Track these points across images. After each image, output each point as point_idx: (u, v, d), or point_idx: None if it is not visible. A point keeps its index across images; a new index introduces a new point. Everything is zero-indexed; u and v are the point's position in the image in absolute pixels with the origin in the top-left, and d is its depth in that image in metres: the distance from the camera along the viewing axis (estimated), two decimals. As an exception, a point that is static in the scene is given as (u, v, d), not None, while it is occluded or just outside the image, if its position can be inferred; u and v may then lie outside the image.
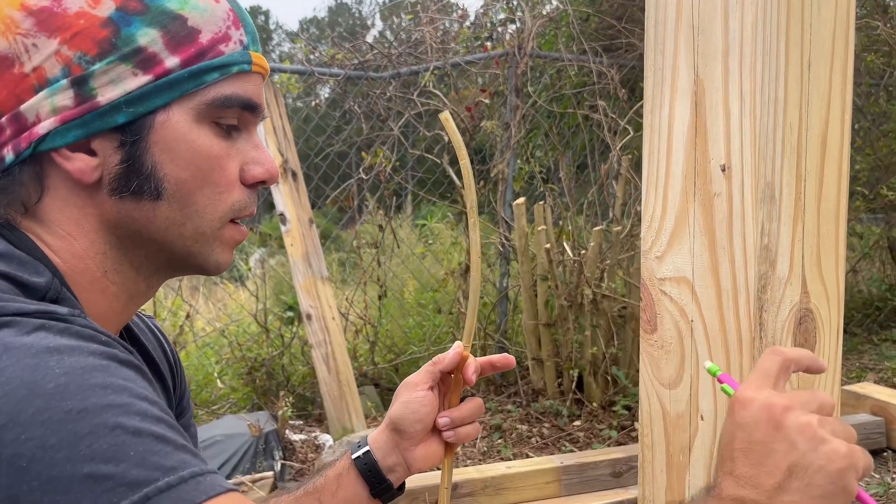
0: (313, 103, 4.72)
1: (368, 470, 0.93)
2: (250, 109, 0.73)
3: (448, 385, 0.96)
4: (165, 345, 0.90)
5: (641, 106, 4.69)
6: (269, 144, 3.53)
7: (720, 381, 0.73)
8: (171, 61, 0.68)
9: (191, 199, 0.70)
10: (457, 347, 0.93)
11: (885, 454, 3.22)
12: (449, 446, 0.95)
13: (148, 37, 0.67)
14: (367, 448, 0.95)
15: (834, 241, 0.86)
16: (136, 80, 0.67)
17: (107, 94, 0.66)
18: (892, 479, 2.97)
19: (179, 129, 0.69)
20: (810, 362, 0.70)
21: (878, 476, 3.01)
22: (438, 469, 0.94)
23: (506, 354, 0.96)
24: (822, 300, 0.86)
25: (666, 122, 0.89)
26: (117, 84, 0.67)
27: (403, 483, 0.98)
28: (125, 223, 0.70)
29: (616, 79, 4.47)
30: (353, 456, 0.95)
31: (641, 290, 0.95)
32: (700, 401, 0.87)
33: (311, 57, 4.58)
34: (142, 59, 0.67)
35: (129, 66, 0.67)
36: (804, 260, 0.84)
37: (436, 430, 0.94)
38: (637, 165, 5.14)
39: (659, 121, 0.91)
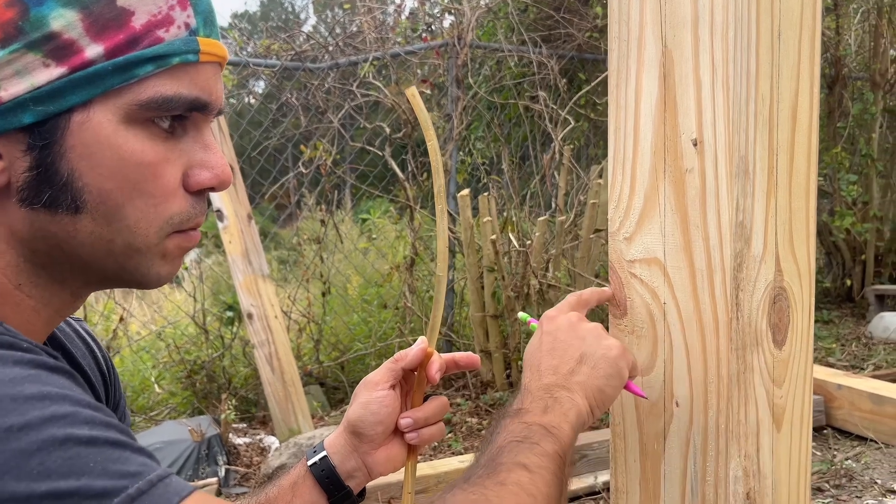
0: (247, 98, 4.58)
1: (326, 477, 0.86)
2: (199, 109, 0.61)
3: (411, 384, 0.90)
4: (97, 350, 0.81)
5: (581, 96, 4.71)
6: (204, 138, 3.40)
7: (530, 324, 0.91)
8: (93, 50, 0.56)
9: (119, 213, 0.59)
10: (420, 343, 0.87)
11: (825, 432, 3.32)
12: (412, 448, 0.89)
13: (63, 20, 0.55)
14: (323, 453, 0.88)
15: (805, 217, 0.84)
16: (46, 73, 0.55)
17: (10, 89, 0.55)
18: (834, 456, 3.06)
19: (102, 132, 0.57)
20: (599, 296, 0.90)
21: (819, 454, 3.09)
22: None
23: (470, 354, 0.91)
24: (794, 278, 0.84)
25: (633, 97, 0.86)
26: (23, 77, 0.55)
27: (364, 489, 0.92)
28: (41, 237, 0.59)
29: (556, 69, 4.47)
30: (309, 462, 0.88)
31: (609, 274, 0.91)
32: (675, 386, 0.84)
33: (246, 50, 4.44)
34: (55, 48, 0.55)
35: (38, 56, 0.55)
36: (777, 237, 0.81)
37: (398, 431, 0.88)
38: (578, 155, 5.17)
39: (625, 95, 0.87)
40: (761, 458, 0.83)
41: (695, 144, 0.80)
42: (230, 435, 3.40)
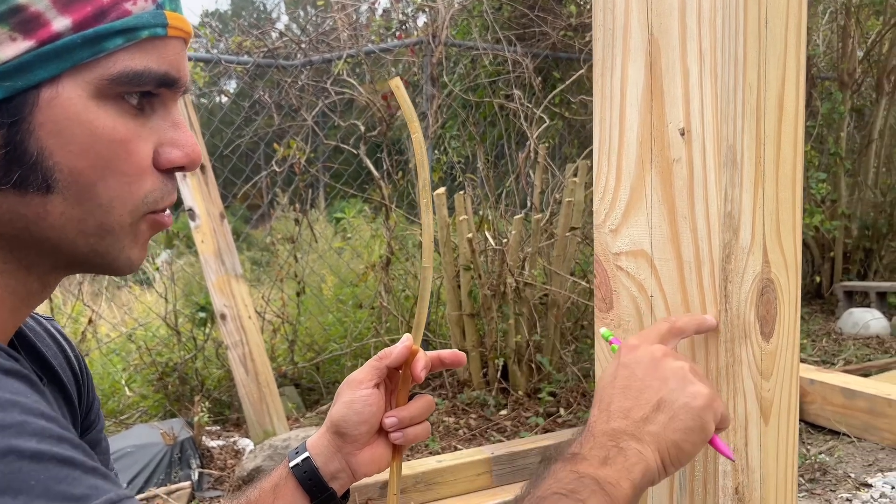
0: (218, 97, 4.51)
1: (309, 478, 0.84)
2: (168, 85, 0.59)
3: (395, 382, 0.88)
4: (69, 350, 0.77)
5: (556, 95, 4.72)
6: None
7: (611, 344, 0.81)
8: (61, 23, 0.54)
9: (91, 192, 0.57)
10: (405, 341, 0.84)
11: (798, 426, 3.35)
12: (397, 448, 0.86)
13: None
14: (306, 454, 0.85)
15: (791, 207, 0.83)
16: (13, 47, 0.53)
17: None
18: (808, 451, 3.09)
19: (72, 108, 0.55)
20: (699, 325, 0.77)
21: (793, 448, 3.12)
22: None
23: (456, 351, 0.89)
24: (781, 270, 0.83)
25: (618, 86, 0.84)
26: None
27: (348, 491, 0.89)
28: (9, 219, 0.57)
29: (530, 68, 4.47)
30: (291, 464, 0.85)
31: (595, 267, 0.89)
32: (662, 380, 0.83)
33: (218, 48, 4.37)
34: (22, 20, 0.53)
35: (5, 29, 0.53)
36: (765, 228, 0.80)
37: (382, 431, 0.85)
38: (553, 154, 5.18)
39: (610, 85, 0.85)
40: (749, 451, 0.82)
41: (682, 134, 0.78)
42: (203, 438, 3.35)
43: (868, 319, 5.35)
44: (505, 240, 3.80)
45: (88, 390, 0.79)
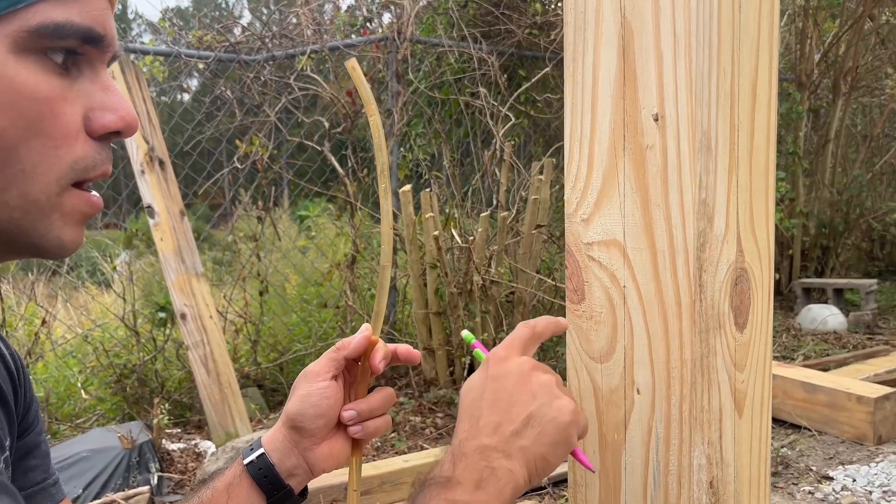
0: (179, 94, 4.41)
1: (264, 476, 0.80)
2: (93, 42, 0.55)
3: (354, 374, 0.84)
4: (3, 349, 0.72)
5: (521, 93, 4.71)
6: (133, 131, 3.24)
7: (473, 348, 0.80)
8: None
9: (13, 156, 0.52)
10: (364, 331, 0.81)
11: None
12: (357, 443, 0.83)
13: None
14: (261, 451, 0.82)
15: (764, 196, 0.82)
16: None
17: None
18: (770, 444, 3.12)
19: None
20: (555, 328, 0.80)
21: (756, 442, 3.15)
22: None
23: (410, 348, 0.86)
24: (755, 259, 0.81)
25: (590, 72, 0.82)
26: None
27: (306, 488, 0.85)
28: None
29: (496, 65, 4.46)
30: (246, 461, 0.81)
31: (566, 257, 0.87)
32: (636, 373, 0.81)
33: (179, 44, 4.27)
34: None
35: None
36: (739, 216, 0.79)
37: (341, 425, 0.82)
38: (519, 152, 5.17)
39: (582, 70, 0.83)
40: (724, 444, 0.80)
41: (656, 120, 0.76)
42: (163, 441, 3.26)
43: (826, 315, 5.45)
44: (471, 238, 3.77)
45: (26, 391, 0.73)
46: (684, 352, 0.77)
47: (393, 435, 3.44)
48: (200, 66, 4.07)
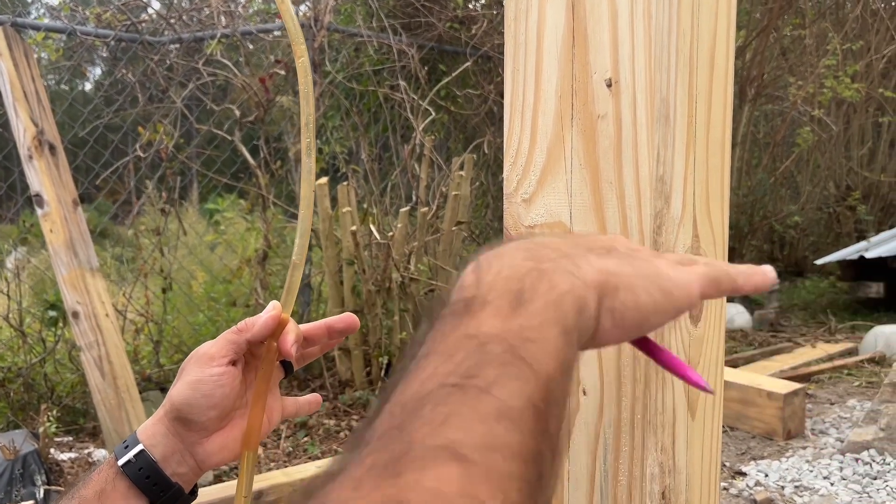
0: (82, 83, 4.10)
1: (146, 476, 0.67)
2: None
3: (259, 359, 0.72)
4: None
5: (442, 87, 4.62)
6: (20, 112, 2.96)
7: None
8: None
9: None
10: (272, 309, 0.69)
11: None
12: (249, 437, 0.70)
13: None
14: (139, 447, 0.69)
15: (720, 176, 0.75)
16: None
17: None
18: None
19: None
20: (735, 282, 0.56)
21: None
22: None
23: (347, 313, 0.74)
24: (710, 246, 0.74)
25: (534, 31, 0.72)
26: None
27: (196, 486, 0.73)
28: None
29: (416, 58, 4.36)
30: (121, 461, 0.68)
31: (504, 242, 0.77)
32: (582, 372, 0.72)
33: (76, 19, 3.95)
34: None
35: None
36: (695, 197, 0.71)
37: (236, 413, 0.71)
38: (439, 148, 5.09)
39: (524, 30, 0.73)
40: (676, 450, 0.73)
41: (609, 85, 0.68)
42: (52, 450, 2.99)
43: (732, 314, 5.62)
44: (390, 234, 3.66)
45: None
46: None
47: (306, 439, 3.28)
48: (103, 52, 3.79)
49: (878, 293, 5.75)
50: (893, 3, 7.57)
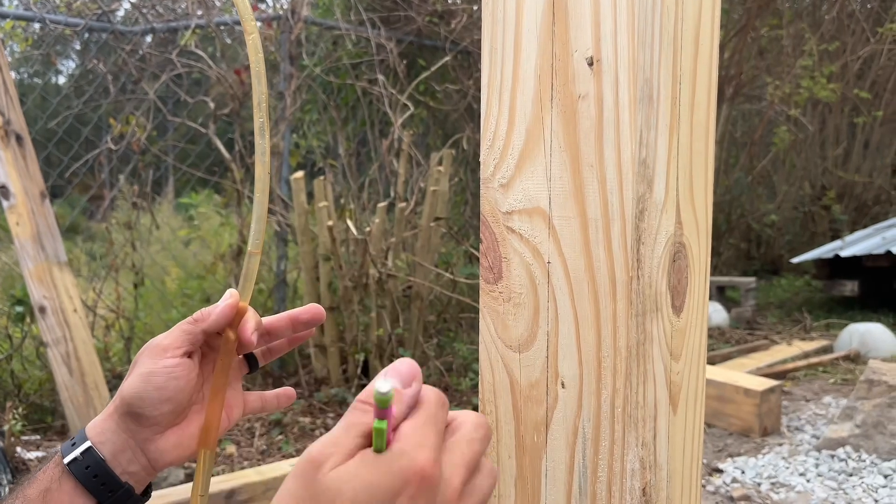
0: (54, 78, 4.01)
1: (94, 475, 0.63)
2: None
3: (216, 350, 0.69)
4: None
5: (420, 82, 4.58)
6: (-15, 101, 2.88)
7: (379, 417, 0.47)
8: None
9: None
10: (229, 297, 0.65)
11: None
12: (206, 434, 0.66)
13: None
14: (87, 444, 0.65)
15: (704, 162, 0.72)
16: None
17: None
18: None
19: None
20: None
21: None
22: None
23: (312, 304, 0.71)
24: (693, 234, 0.72)
25: (513, 7, 0.69)
26: None
27: (149, 485, 0.68)
28: None
29: (395, 52, 4.32)
30: (67, 459, 0.64)
31: (481, 230, 0.74)
32: (560, 363, 0.69)
33: (45, 7, 3.86)
34: None
35: None
36: (678, 182, 0.68)
37: (191, 409, 0.67)
38: (418, 143, 5.05)
39: (503, 6, 0.70)
40: (658, 445, 0.70)
41: (590, 64, 0.65)
42: (18, 449, 2.91)
43: (709, 312, 5.65)
44: (368, 229, 3.61)
45: None
46: (618, 338, 0.66)
47: (280, 437, 3.23)
48: (76, 45, 3.70)
49: (853, 291, 5.81)
50: (869, 6, 7.66)
